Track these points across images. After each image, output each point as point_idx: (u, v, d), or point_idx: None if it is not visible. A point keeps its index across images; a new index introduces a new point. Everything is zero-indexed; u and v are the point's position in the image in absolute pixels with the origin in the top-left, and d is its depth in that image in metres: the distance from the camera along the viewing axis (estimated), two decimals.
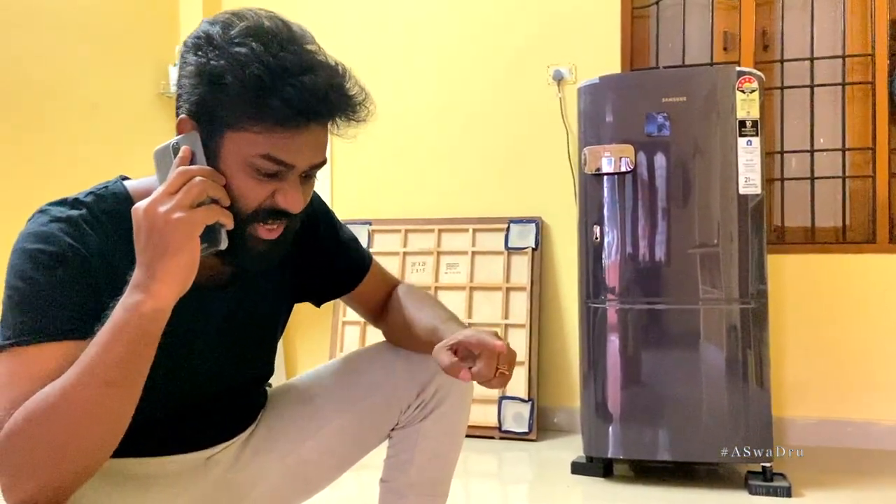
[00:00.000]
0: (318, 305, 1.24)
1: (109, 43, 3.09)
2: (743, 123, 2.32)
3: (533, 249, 3.10)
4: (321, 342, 3.32)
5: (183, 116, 0.91)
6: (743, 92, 2.32)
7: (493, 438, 2.93)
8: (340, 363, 1.24)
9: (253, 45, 0.86)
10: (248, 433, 1.18)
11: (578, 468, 2.46)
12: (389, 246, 3.26)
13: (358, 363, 1.22)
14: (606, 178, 2.41)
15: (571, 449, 2.71)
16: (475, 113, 3.26)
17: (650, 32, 3.20)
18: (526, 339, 3.01)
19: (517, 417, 2.94)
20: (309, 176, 0.95)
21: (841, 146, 3.00)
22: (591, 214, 2.45)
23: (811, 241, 3.00)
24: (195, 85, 0.89)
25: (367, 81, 0.97)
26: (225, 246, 0.89)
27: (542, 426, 3.03)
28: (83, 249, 0.89)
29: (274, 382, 1.26)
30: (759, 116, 2.32)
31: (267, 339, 1.17)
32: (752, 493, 2.24)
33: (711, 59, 3.13)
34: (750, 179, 2.32)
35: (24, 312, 0.86)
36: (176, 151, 0.89)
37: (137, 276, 0.82)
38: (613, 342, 2.40)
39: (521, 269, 3.10)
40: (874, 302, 2.84)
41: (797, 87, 3.05)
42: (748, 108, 2.32)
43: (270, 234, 0.93)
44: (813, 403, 2.87)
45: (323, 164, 0.95)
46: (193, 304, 0.99)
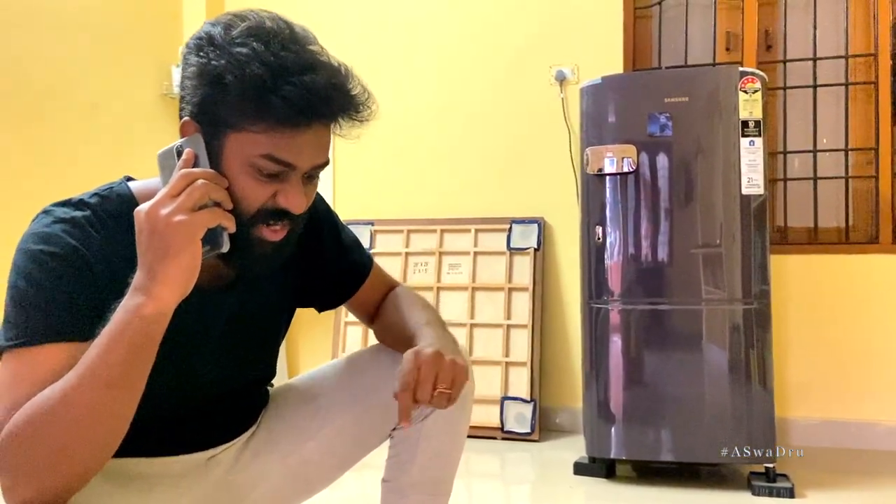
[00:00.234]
0: (320, 311, 1.24)
1: (112, 43, 3.09)
2: (745, 124, 2.32)
3: (535, 250, 3.10)
4: (323, 342, 3.32)
5: (186, 119, 0.91)
6: (745, 92, 2.32)
7: (495, 439, 2.92)
8: (342, 363, 1.24)
9: (254, 44, 0.86)
10: (249, 434, 1.18)
11: (581, 469, 2.46)
12: (392, 246, 3.27)
13: (359, 363, 1.22)
14: (609, 178, 2.41)
15: (574, 449, 2.71)
16: (477, 113, 3.26)
17: (653, 32, 3.20)
18: (528, 339, 3.01)
19: (519, 418, 2.93)
20: (311, 177, 0.94)
21: (844, 146, 3.00)
22: (593, 215, 2.45)
23: (814, 241, 3.00)
24: (196, 86, 0.89)
25: (369, 82, 0.97)
26: (227, 249, 0.89)
27: (544, 427, 3.03)
28: (86, 251, 0.89)
29: (276, 383, 1.26)
30: (761, 117, 2.32)
31: (269, 341, 1.17)
32: (754, 493, 2.24)
33: (714, 59, 3.13)
34: (752, 180, 2.31)
35: (26, 313, 0.86)
36: (179, 154, 0.89)
37: (139, 278, 0.82)
38: (616, 342, 2.40)
39: (523, 269, 3.10)
40: (877, 302, 2.83)
41: (800, 87, 3.04)
42: (751, 108, 2.32)
43: (275, 235, 0.93)
44: (816, 404, 2.86)
45: (325, 164, 0.95)
46: (197, 306, 0.99)
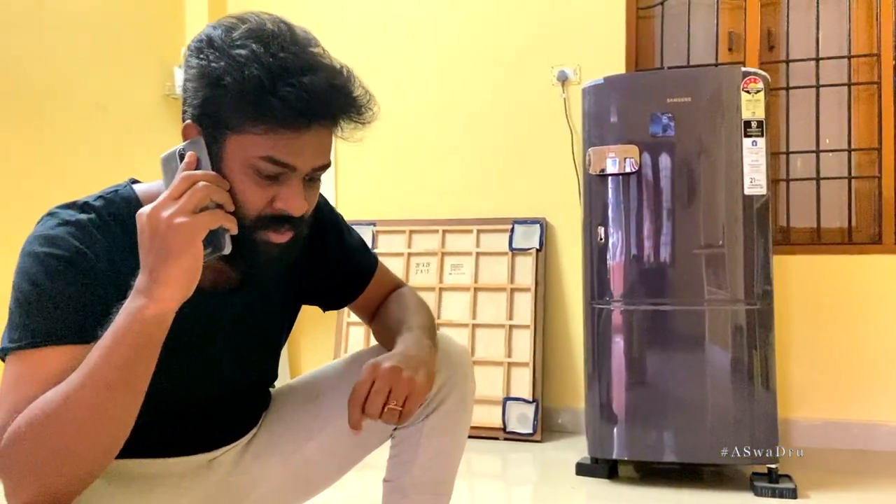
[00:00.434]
0: (324, 310, 1.25)
1: (114, 45, 3.10)
2: (748, 124, 2.32)
3: (537, 250, 3.10)
4: (325, 342, 3.33)
5: (188, 122, 0.91)
6: (748, 92, 2.32)
7: (497, 439, 2.92)
8: (343, 363, 1.24)
9: (253, 46, 0.86)
10: (250, 435, 1.18)
11: (583, 469, 2.45)
12: (394, 247, 3.27)
13: (360, 363, 1.21)
14: (611, 178, 2.41)
15: (576, 450, 2.71)
16: (479, 113, 3.26)
17: (655, 33, 3.19)
18: (530, 339, 3.01)
19: (521, 418, 2.93)
20: (313, 179, 0.94)
21: (847, 147, 2.99)
22: (595, 215, 2.44)
23: (817, 241, 2.99)
24: (197, 88, 0.89)
25: (370, 83, 0.97)
26: (229, 251, 0.89)
27: (546, 427, 3.02)
28: (91, 254, 0.89)
29: (277, 383, 1.27)
30: (764, 117, 2.31)
31: (272, 343, 1.17)
32: (757, 494, 2.23)
33: (716, 59, 3.12)
34: (755, 180, 2.31)
35: (30, 315, 0.86)
36: (182, 157, 0.89)
37: (141, 280, 0.82)
38: (618, 343, 2.39)
39: (525, 269, 3.10)
40: (880, 303, 2.83)
41: (802, 87, 3.04)
42: (753, 108, 2.32)
43: (280, 237, 0.93)
44: (819, 405, 2.86)
45: (326, 166, 0.94)
46: (202, 308, 1.00)
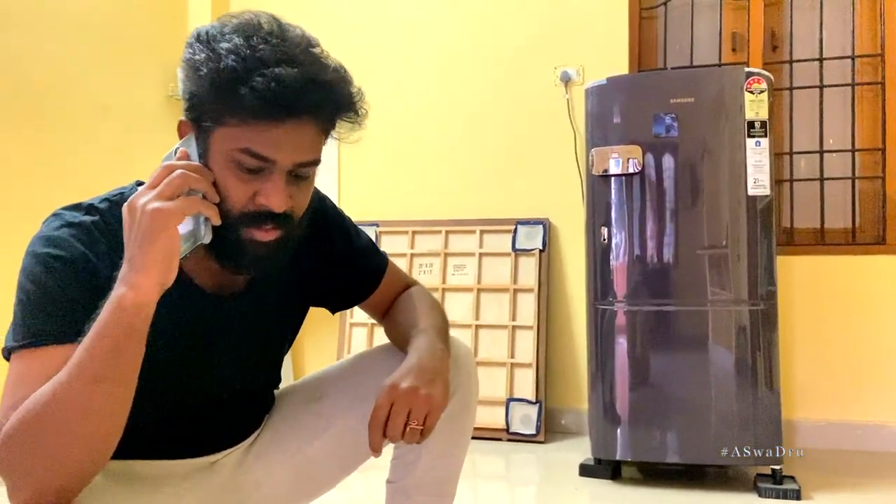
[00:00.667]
0: (333, 312, 1.25)
1: (117, 45, 3.10)
2: (751, 124, 2.31)
3: (540, 251, 3.10)
4: (328, 343, 3.33)
5: (181, 119, 0.93)
6: (751, 93, 2.31)
7: (500, 440, 2.92)
8: (347, 363, 1.24)
9: (236, 39, 0.87)
10: (254, 437, 1.18)
11: (586, 470, 2.45)
12: (396, 247, 3.26)
13: (365, 363, 1.22)
14: (614, 179, 2.41)
15: (579, 451, 2.71)
16: (482, 114, 3.26)
17: (658, 33, 3.19)
18: (533, 340, 3.00)
19: (525, 419, 2.93)
20: (299, 176, 0.93)
21: (850, 147, 2.99)
22: (598, 216, 2.44)
23: (820, 242, 2.99)
24: (184, 81, 0.91)
25: (373, 84, 0.97)
26: (208, 240, 0.89)
27: (549, 428, 3.02)
28: (92, 255, 0.90)
29: (281, 385, 1.27)
30: (767, 117, 2.31)
31: (277, 347, 1.17)
32: (761, 495, 2.23)
33: (720, 59, 3.12)
34: (759, 180, 2.31)
35: (33, 315, 0.87)
36: (177, 155, 0.91)
37: (122, 270, 0.82)
38: (621, 344, 2.39)
39: (528, 270, 3.10)
40: (884, 303, 2.82)
41: (806, 87, 3.03)
42: (757, 108, 2.31)
43: (266, 235, 0.92)
44: (823, 405, 2.85)
45: (314, 163, 0.93)
46: (206, 311, 1.00)
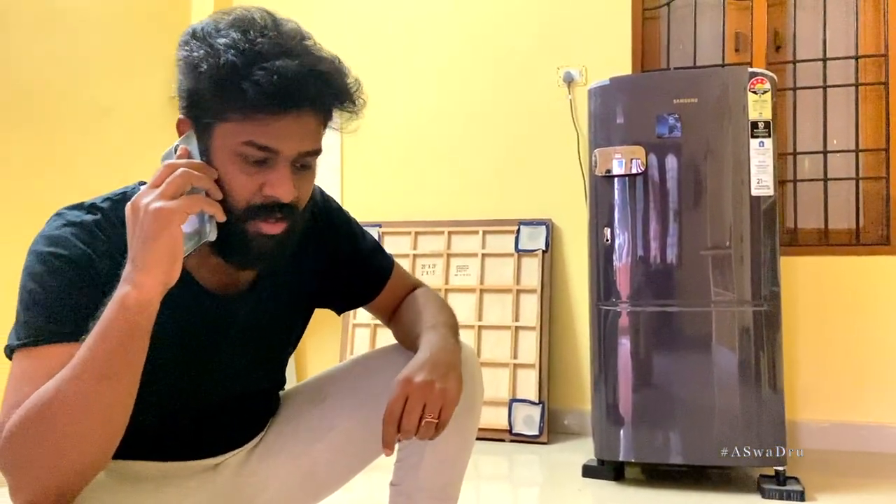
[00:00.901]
0: (339, 314, 1.25)
1: (120, 47, 3.10)
2: (755, 125, 2.31)
3: (543, 251, 3.09)
4: (331, 344, 3.33)
5: (180, 117, 0.93)
6: (755, 93, 2.31)
7: (503, 441, 2.92)
8: (351, 365, 1.24)
9: (233, 34, 0.87)
10: (258, 439, 1.18)
11: (589, 471, 2.45)
12: (399, 248, 3.26)
13: (368, 365, 1.22)
14: (617, 179, 2.40)
15: (582, 452, 2.70)
16: (485, 115, 3.26)
17: (661, 33, 3.19)
18: (536, 341, 3.00)
19: (528, 420, 2.93)
20: (303, 166, 0.94)
21: (854, 147, 2.98)
22: (601, 216, 2.44)
23: (824, 242, 2.98)
24: (182, 80, 0.91)
25: (376, 84, 0.98)
26: (213, 237, 0.89)
27: (552, 429, 3.02)
28: (94, 254, 0.90)
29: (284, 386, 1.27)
30: (771, 117, 2.31)
31: (282, 347, 1.17)
32: (764, 496, 2.22)
33: (723, 60, 3.11)
34: (762, 181, 2.30)
35: (35, 313, 0.87)
36: (177, 153, 0.91)
37: (126, 269, 0.83)
38: (624, 345, 2.39)
39: (531, 271, 3.10)
40: (888, 304, 2.81)
41: (810, 87, 3.03)
42: (760, 109, 2.31)
43: (272, 228, 0.92)
44: (826, 406, 2.84)
45: (316, 152, 0.94)
46: (211, 311, 1.00)
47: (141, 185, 1.01)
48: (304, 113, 0.90)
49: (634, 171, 2.37)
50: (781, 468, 2.25)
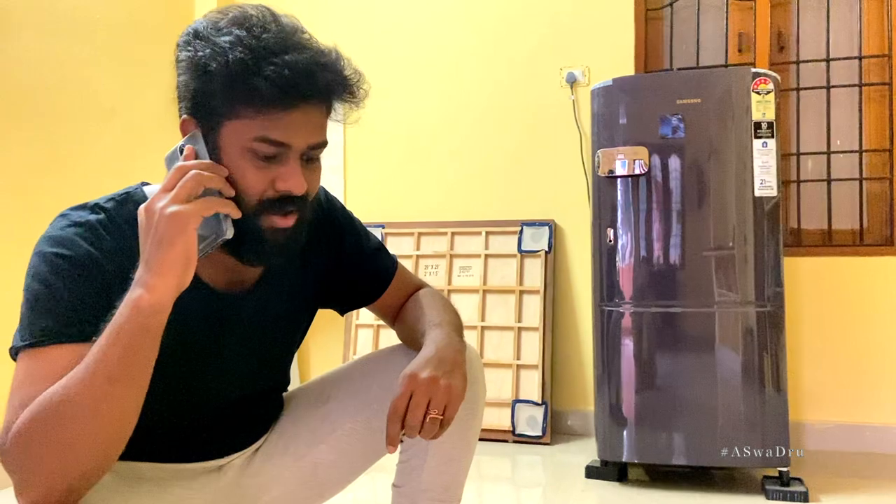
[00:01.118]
0: (342, 314, 1.25)
1: (124, 48, 3.11)
2: (758, 125, 2.31)
3: (546, 252, 3.09)
4: (334, 345, 3.33)
5: (184, 117, 0.93)
6: (758, 93, 2.31)
7: (506, 442, 2.92)
8: (353, 366, 1.24)
9: (236, 32, 0.88)
10: (262, 441, 1.18)
11: (592, 472, 2.45)
12: (402, 249, 3.27)
13: (371, 366, 1.22)
14: (620, 180, 2.40)
15: (585, 453, 2.70)
16: (488, 115, 3.26)
17: (664, 34, 3.18)
18: (539, 342, 3.00)
19: (531, 421, 2.93)
20: (311, 159, 0.95)
21: (858, 148, 2.98)
22: (604, 217, 2.44)
23: (828, 243, 2.97)
24: (188, 81, 0.91)
25: (380, 85, 0.98)
26: (231, 235, 0.89)
27: (555, 430, 3.02)
28: (99, 254, 0.90)
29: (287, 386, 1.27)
30: (774, 118, 2.30)
31: (286, 346, 1.17)
32: (768, 497, 2.22)
33: (726, 60, 3.11)
34: (765, 181, 2.30)
35: (40, 314, 0.87)
36: (182, 153, 0.91)
37: (138, 272, 0.83)
38: (627, 345, 2.39)
39: (534, 271, 3.10)
40: (891, 305, 2.80)
41: (813, 88, 3.02)
42: (763, 109, 2.31)
43: (285, 221, 0.93)
44: (830, 407, 2.84)
45: (323, 144, 0.95)
46: (216, 309, 1.00)
47: (144, 185, 1.01)
48: (312, 105, 0.91)
49: (637, 171, 2.36)
50: (785, 469, 2.24)
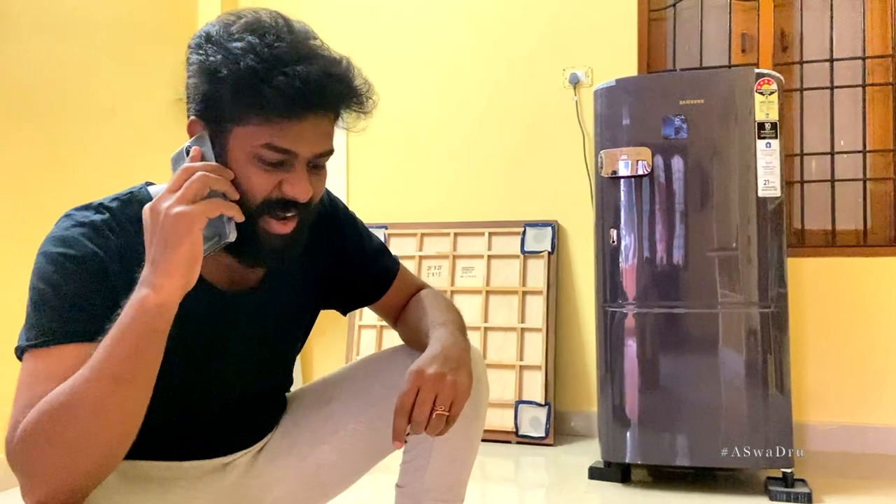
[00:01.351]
0: (344, 314, 1.25)
1: (127, 49, 3.11)
2: (762, 126, 2.30)
3: (549, 253, 3.09)
4: (337, 346, 3.33)
5: (192, 118, 0.94)
6: (762, 94, 2.30)
7: (509, 443, 2.91)
8: (357, 366, 1.24)
9: (249, 38, 0.88)
10: (265, 440, 1.18)
11: (596, 473, 2.44)
12: (405, 249, 3.26)
13: (374, 367, 1.22)
14: (623, 181, 2.40)
15: (589, 454, 2.70)
16: (491, 116, 3.26)
17: (667, 34, 3.18)
18: (542, 342, 3.00)
19: (534, 422, 2.92)
20: (317, 166, 0.95)
21: (862, 148, 2.97)
22: (607, 218, 2.43)
23: (832, 244, 2.97)
24: (197, 83, 0.91)
25: (382, 85, 0.98)
26: (234, 238, 0.89)
27: (558, 431, 3.01)
28: (104, 254, 0.91)
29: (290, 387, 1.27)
30: (778, 118, 2.30)
31: (289, 346, 1.17)
32: (772, 499, 2.21)
33: (729, 60, 3.11)
34: (769, 182, 2.29)
35: (45, 314, 0.87)
36: (189, 154, 0.91)
37: (144, 272, 0.83)
38: (631, 346, 2.38)
39: (537, 272, 3.09)
40: (895, 305, 2.80)
41: (817, 88, 3.01)
42: (767, 110, 2.30)
43: (283, 227, 0.94)
44: (834, 408, 2.83)
45: (330, 153, 0.95)
46: (219, 308, 1.00)
47: (148, 185, 1.02)
48: (321, 116, 0.91)
49: (640, 172, 2.36)
50: (789, 470, 2.24)
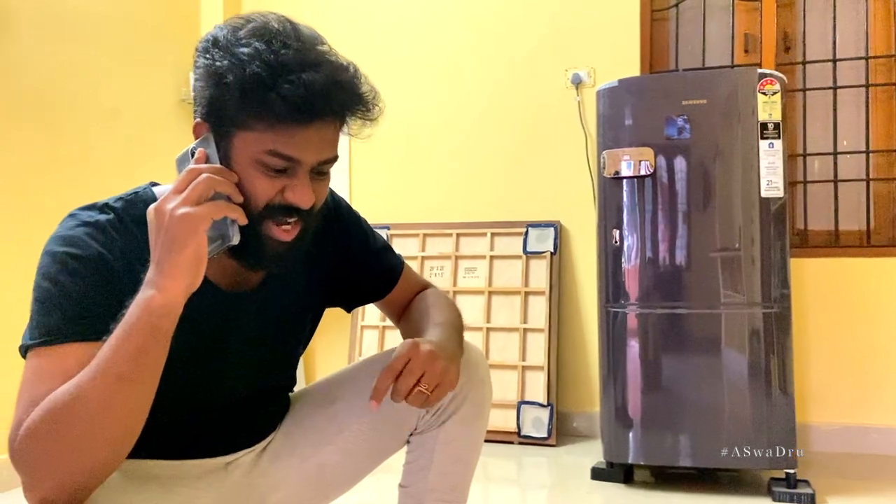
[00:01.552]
0: (348, 311, 1.26)
1: (130, 50, 3.12)
2: (765, 126, 2.30)
3: (551, 253, 3.09)
4: (340, 346, 3.33)
5: (197, 120, 0.94)
6: (764, 94, 2.30)
7: (511, 443, 2.91)
8: (360, 367, 1.24)
9: (256, 44, 0.88)
10: (269, 439, 1.18)
11: (598, 474, 2.44)
12: (408, 250, 3.26)
13: (377, 367, 1.21)
14: (626, 181, 2.40)
15: (591, 454, 2.70)
16: (493, 116, 3.26)
17: (670, 35, 3.18)
18: (545, 343, 3.00)
19: (536, 422, 2.92)
20: (321, 172, 0.95)
21: (865, 148, 2.97)
22: (610, 218, 2.43)
23: (835, 244, 2.96)
24: (204, 87, 0.91)
25: (384, 86, 0.98)
26: (237, 241, 0.90)
27: (561, 431, 3.01)
28: (108, 254, 0.91)
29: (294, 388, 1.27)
30: (780, 119, 2.30)
31: (292, 345, 1.17)
32: (775, 499, 2.21)
33: (732, 61, 3.10)
34: (772, 182, 2.29)
35: (49, 313, 0.88)
36: (194, 155, 0.92)
37: (149, 273, 0.84)
38: (633, 347, 2.38)
39: (539, 273, 3.09)
40: None
41: (820, 88, 3.01)
42: (770, 110, 2.30)
43: (286, 235, 0.94)
44: (837, 409, 2.82)
45: (334, 159, 0.95)
46: (222, 308, 1.00)
47: (153, 185, 1.02)
48: (326, 123, 0.91)
49: (643, 172, 2.36)
50: (792, 471, 2.24)
